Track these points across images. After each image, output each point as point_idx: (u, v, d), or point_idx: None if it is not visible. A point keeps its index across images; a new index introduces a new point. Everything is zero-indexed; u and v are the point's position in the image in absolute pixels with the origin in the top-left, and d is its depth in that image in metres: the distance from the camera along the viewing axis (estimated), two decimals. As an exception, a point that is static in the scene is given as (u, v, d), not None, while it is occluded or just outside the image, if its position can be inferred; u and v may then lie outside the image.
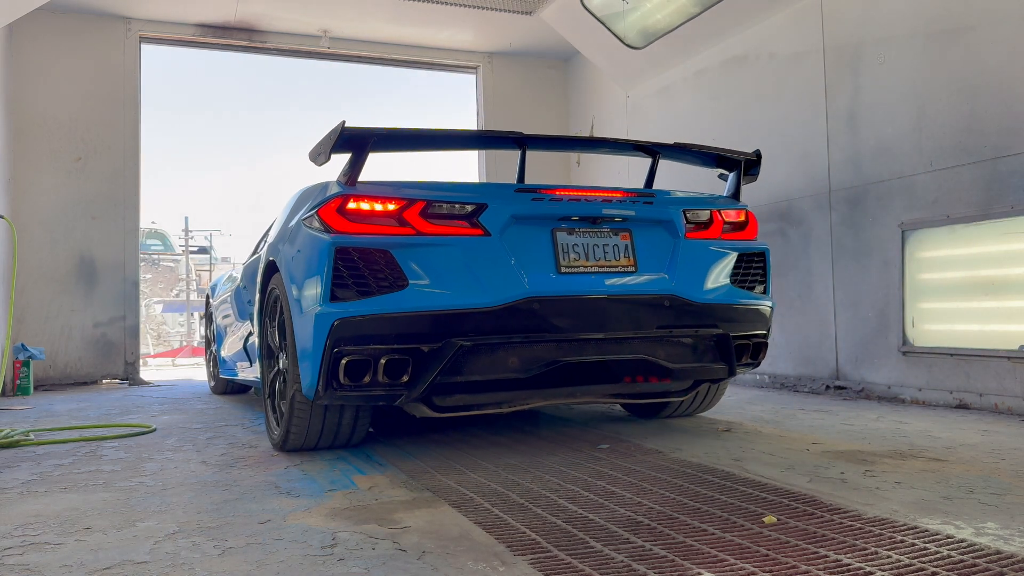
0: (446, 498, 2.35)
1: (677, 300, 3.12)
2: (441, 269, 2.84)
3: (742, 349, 3.37)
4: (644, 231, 3.19)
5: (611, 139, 3.97)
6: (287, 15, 7.10)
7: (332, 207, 2.86)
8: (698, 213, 3.34)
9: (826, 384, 4.96)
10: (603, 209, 3.11)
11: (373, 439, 3.49)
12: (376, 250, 2.79)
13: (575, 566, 1.70)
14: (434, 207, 2.90)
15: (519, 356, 2.91)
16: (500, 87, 8.34)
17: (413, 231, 2.86)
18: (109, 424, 4.13)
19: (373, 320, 2.75)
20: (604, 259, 3.08)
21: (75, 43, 6.85)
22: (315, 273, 2.82)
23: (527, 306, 2.87)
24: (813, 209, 5.09)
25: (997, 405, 3.90)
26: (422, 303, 2.80)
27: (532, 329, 2.90)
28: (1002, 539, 1.82)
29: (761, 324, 3.42)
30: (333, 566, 1.74)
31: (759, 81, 5.59)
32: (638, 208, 3.20)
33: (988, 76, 3.98)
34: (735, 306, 3.32)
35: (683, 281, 3.17)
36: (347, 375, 2.75)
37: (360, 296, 2.77)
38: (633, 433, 3.51)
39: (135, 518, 2.19)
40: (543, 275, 2.95)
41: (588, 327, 2.98)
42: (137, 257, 7.03)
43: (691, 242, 3.25)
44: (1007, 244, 3.94)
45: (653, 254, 3.17)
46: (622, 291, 3.06)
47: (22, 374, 6.01)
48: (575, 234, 3.06)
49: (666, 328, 3.12)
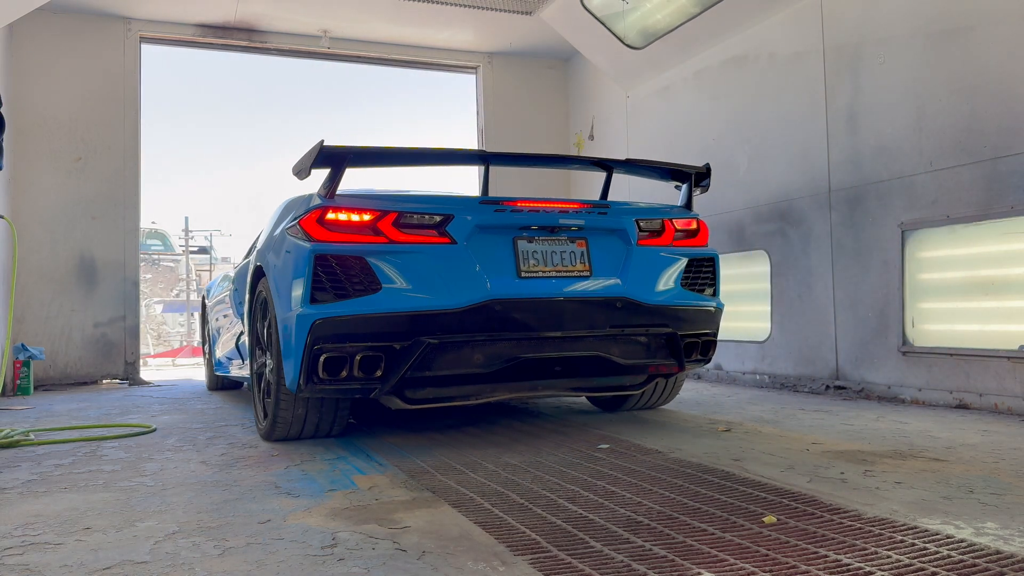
0: (446, 498, 2.35)
1: (629, 302, 3.41)
2: (411, 274, 3.12)
3: (692, 347, 3.65)
4: (599, 239, 3.48)
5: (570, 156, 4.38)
6: (287, 15, 7.10)
7: (312, 218, 3.15)
8: (651, 222, 3.63)
9: (826, 384, 4.96)
10: (560, 219, 3.40)
11: (372, 439, 3.49)
12: (352, 257, 3.06)
13: (575, 566, 1.70)
14: (405, 218, 3.18)
15: (483, 353, 3.20)
16: (500, 87, 8.34)
17: (386, 239, 3.14)
18: (109, 424, 4.13)
19: (349, 320, 3.03)
20: (561, 264, 3.38)
21: (75, 43, 6.85)
22: (297, 277, 3.10)
23: (489, 307, 3.16)
24: (813, 209, 5.10)
25: (997, 405, 3.90)
26: (394, 305, 3.07)
27: (494, 328, 3.18)
28: (1002, 539, 1.82)
29: (710, 324, 3.71)
30: (333, 566, 1.74)
31: (759, 81, 5.59)
32: (593, 218, 3.48)
33: (988, 76, 3.98)
34: (685, 307, 3.61)
35: (635, 284, 3.46)
36: (326, 370, 3.03)
37: (337, 299, 3.04)
38: (633, 433, 3.51)
39: (135, 518, 2.19)
40: (505, 279, 3.23)
41: (546, 327, 3.27)
42: (137, 257, 7.03)
43: (643, 249, 3.55)
44: (1007, 244, 3.94)
45: (607, 260, 3.46)
46: (577, 294, 3.35)
47: (22, 374, 6.01)
48: (535, 242, 3.35)
49: (618, 327, 3.41)
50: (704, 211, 6.16)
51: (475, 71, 8.40)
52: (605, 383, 3.64)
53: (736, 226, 5.81)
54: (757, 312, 5.69)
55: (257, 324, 3.79)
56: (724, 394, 5.06)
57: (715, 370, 6.03)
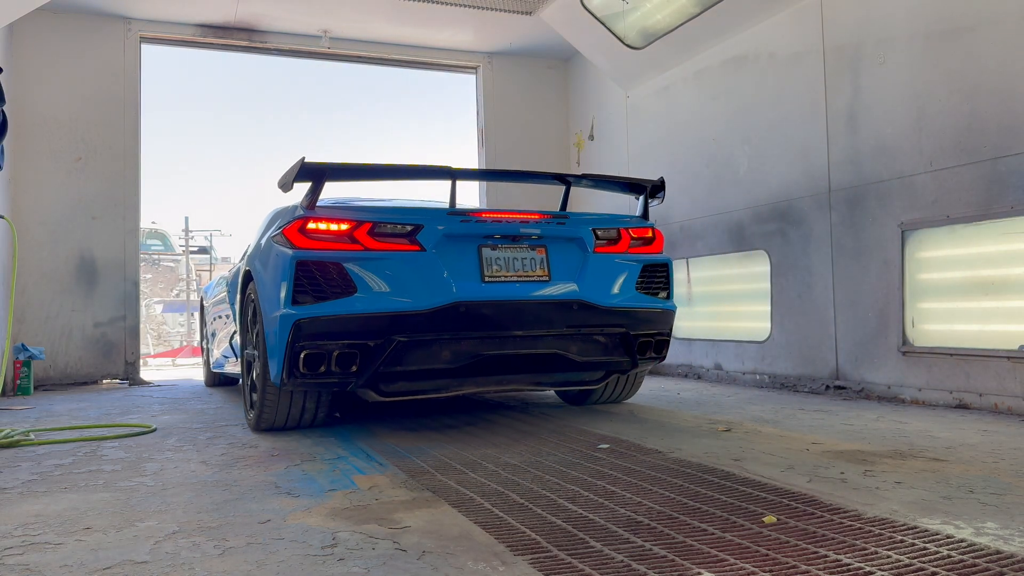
0: (446, 498, 2.35)
1: (585, 304, 3.69)
2: (384, 278, 3.42)
3: (646, 345, 3.95)
4: (557, 246, 3.76)
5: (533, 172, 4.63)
6: (287, 15, 7.10)
7: (295, 227, 3.43)
8: (607, 231, 3.92)
9: (826, 384, 4.96)
10: (521, 228, 3.69)
11: (372, 439, 3.49)
12: (330, 263, 3.36)
13: (575, 566, 1.70)
14: (379, 227, 3.47)
15: (450, 350, 3.49)
16: (500, 87, 8.34)
17: (361, 247, 3.43)
18: (109, 424, 4.13)
19: (327, 320, 3.32)
20: (522, 270, 3.67)
21: (75, 43, 6.85)
22: (280, 282, 3.39)
23: (455, 309, 3.44)
24: (813, 209, 5.10)
25: (997, 405, 3.90)
26: (368, 306, 3.36)
27: (460, 328, 3.47)
28: (1002, 539, 1.82)
29: (663, 324, 4.00)
30: (333, 566, 1.74)
31: (759, 81, 5.59)
32: (552, 227, 3.77)
33: (988, 76, 3.99)
34: (638, 309, 3.90)
35: (590, 288, 3.75)
36: (306, 366, 3.32)
37: (317, 301, 3.33)
38: (633, 433, 3.51)
39: (135, 518, 2.19)
40: (469, 283, 3.52)
41: (508, 327, 3.56)
42: (137, 257, 7.03)
43: (599, 256, 3.84)
44: (1007, 244, 3.94)
45: (565, 265, 3.75)
46: (537, 296, 3.64)
47: (22, 374, 6.01)
48: (497, 249, 3.64)
49: (575, 327, 3.70)
50: (704, 211, 6.17)
51: (475, 71, 8.40)
52: (565, 378, 3.94)
53: (736, 226, 5.81)
54: (757, 312, 5.69)
55: (247, 324, 4.03)
56: (724, 394, 5.06)
57: (715, 370, 6.04)
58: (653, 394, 5.12)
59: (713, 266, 6.18)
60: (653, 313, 3.96)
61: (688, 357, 6.39)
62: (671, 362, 6.59)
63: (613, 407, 4.46)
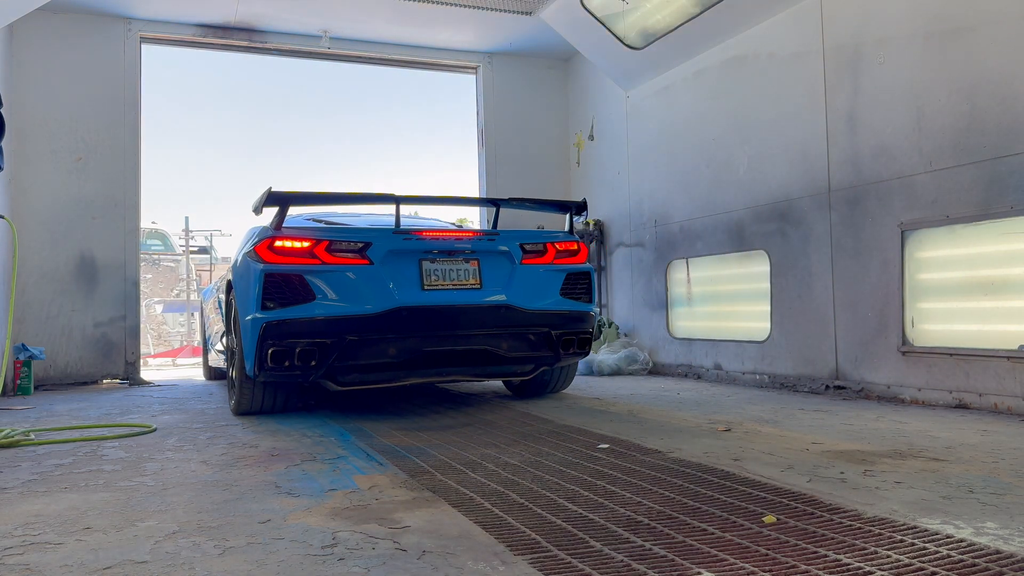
0: (446, 498, 2.35)
1: (512, 308, 4.29)
2: (338, 288, 4.00)
3: (570, 342, 4.51)
4: (488, 259, 4.34)
5: (467, 197, 5.24)
6: (287, 15, 7.10)
7: (264, 245, 4.02)
8: (534, 245, 4.50)
9: (826, 384, 4.96)
10: (455, 244, 4.27)
11: (372, 439, 3.50)
12: (293, 275, 3.95)
13: (575, 565, 1.71)
14: (334, 244, 4.05)
15: (394, 347, 4.09)
16: (500, 87, 8.34)
17: (319, 261, 4.01)
18: (109, 424, 4.13)
19: (290, 323, 3.93)
20: (457, 279, 4.25)
21: (75, 43, 6.85)
22: (252, 290, 3.99)
23: (398, 312, 4.04)
24: (813, 209, 5.10)
25: (997, 405, 3.90)
26: (324, 311, 3.96)
27: (403, 328, 4.07)
28: (1001, 539, 1.82)
29: (584, 325, 4.58)
30: (333, 566, 1.74)
31: (759, 81, 5.59)
32: (483, 243, 4.36)
33: (987, 76, 3.99)
34: (561, 312, 4.48)
35: (517, 294, 4.33)
36: (272, 361, 3.94)
37: (281, 306, 3.93)
38: (633, 433, 3.51)
39: (135, 518, 2.19)
40: (411, 291, 4.11)
41: (444, 327, 4.16)
42: (138, 257, 7.03)
43: (526, 266, 4.42)
44: (1007, 244, 3.94)
45: (495, 275, 4.32)
46: (469, 302, 4.21)
47: (22, 374, 6.01)
48: (436, 262, 4.22)
49: (504, 327, 4.29)
50: (704, 211, 6.17)
51: (475, 71, 8.40)
52: (499, 370, 4.49)
53: (736, 226, 5.82)
54: (757, 312, 5.69)
55: (229, 325, 4.58)
56: (724, 394, 5.06)
57: (715, 370, 6.04)
58: (653, 394, 5.12)
59: (713, 266, 6.19)
60: (575, 315, 4.54)
61: (688, 357, 6.39)
62: (671, 362, 6.60)
63: (612, 406, 4.46)
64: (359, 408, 4.67)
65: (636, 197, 7.17)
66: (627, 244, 7.33)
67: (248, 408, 4.39)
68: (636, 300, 7.19)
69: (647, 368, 6.72)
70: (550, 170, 8.44)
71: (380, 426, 3.90)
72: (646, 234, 7.00)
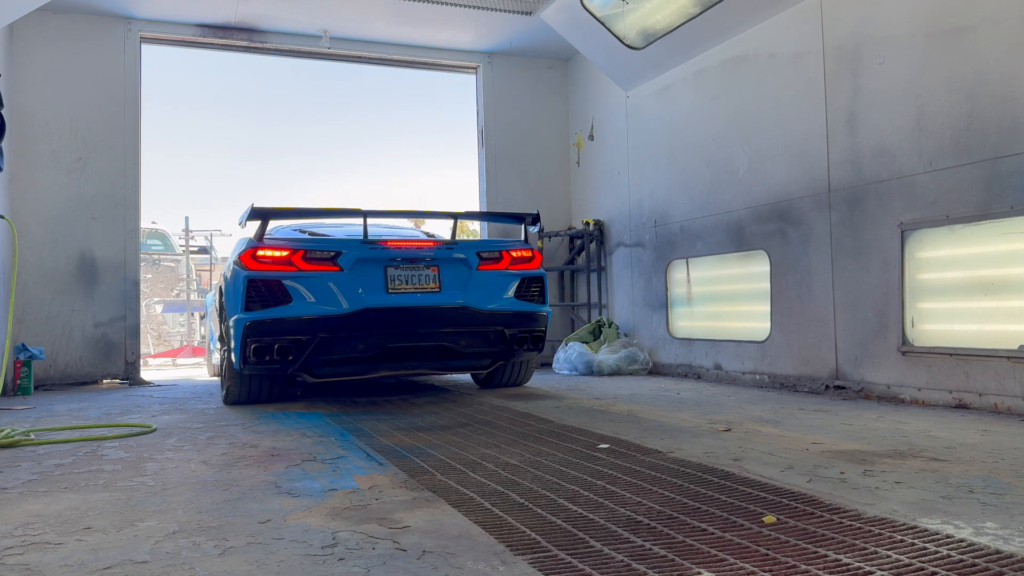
0: (446, 498, 2.35)
1: (468, 309, 4.79)
2: (312, 291, 4.53)
3: (523, 340, 5.05)
4: (448, 266, 4.87)
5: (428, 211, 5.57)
6: (287, 15, 7.10)
7: (248, 254, 4.55)
8: (491, 253, 5.04)
9: (826, 384, 4.96)
10: (417, 253, 4.80)
11: (372, 439, 3.50)
12: (272, 280, 4.49)
13: (575, 565, 1.71)
14: (309, 254, 4.58)
15: (363, 343, 4.60)
16: (500, 87, 8.34)
17: (296, 268, 4.54)
18: (110, 424, 4.13)
19: (270, 323, 4.45)
20: (418, 284, 4.76)
21: (75, 43, 6.85)
22: (237, 293, 4.51)
23: (365, 313, 4.55)
24: (813, 209, 5.10)
25: (996, 405, 3.90)
26: (300, 312, 4.49)
27: (370, 327, 4.58)
28: (1001, 539, 1.82)
29: (537, 324, 5.10)
30: (333, 566, 1.74)
31: (759, 81, 5.59)
32: (442, 252, 4.89)
33: (988, 76, 3.99)
34: (514, 312, 4.99)
35: (473, 297, 4.85)
36: (255, 356, 4.45)
37: (262, 308, 4.47)
38: (633, 433, 3.51)
39: (136, 518, 2.19)
40: (377, 294, 4.64)
41: (406, 326, 4.66)
42: (138, 257, 7.03)
43: (482, 272, 4.94)
44: (1007, 244, 3.94)
45: (453, 280, 4.84)
46: (429, 303, 4.73)
47: (23, 374, 6.01)
48: (399, 268, 4.74)
49: (461, 326, 4.80)
50: (703, 211, 6.17)
51: (475, 71, 8.40)
52: (458, 364, 5.02)
53: (736, 226, 5.82)
54: (757, 312, 5.69)
55: (222, 325, 5.10)
56: (724, 394, 5.06)
57: (715, 370, 6.04)
58: (653, 394, 5.13)
59: (713, 266, 6.19)
60: (527, 315, 5.04)
61: (688, 357, 6.39)
62: (671, 362, 6.60)
63: (612, 406, 4.46)
64: (359, 408, 4.67)
65: (636, 197, 7.17)
66: (627, 244, 7.33)
67: (236, 399, 4.86)
68: (636, 300, 7.19)
69: (647, 368, 6.72)
70: (550, 170, 8.44)
71: (380, 426, 3.90)
72: (646, 234, 7.00)
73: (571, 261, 8.11)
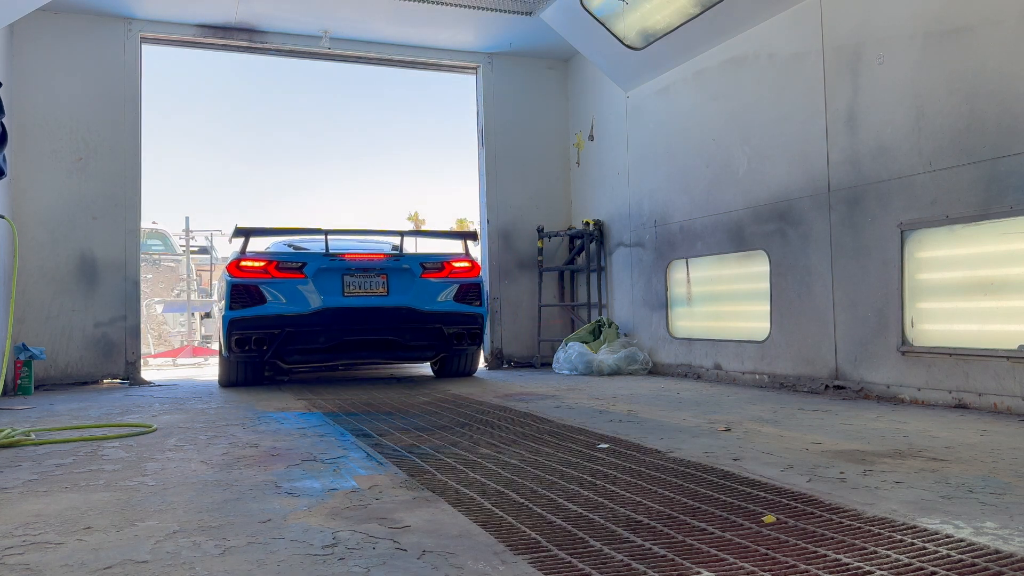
0: (446, 497, 2.35)
1: (412, 310, 6.01)
2: (283, 294, 5.77)
3: (461, 336, 6.23)
4: (395, 274, 6.09)
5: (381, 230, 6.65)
6: (287, 15, 7.11)
7: (233, 264, 5.85)
8: (433, 263, 6.22)
9: (825, 384, 4.96)
10: (369, 264, 6.01)
11: (372, 438, 3.50)
12: (252, 285, 5.73)
13: (575, 565, 1.71)
14: (281, 264, 5.84)
15: (323, 337, 5.85)
16: (500, 87, 8.34)
17: (270, 276, 5.78)
18: (110, 424, 4.13)
19: (249, 319, 5.68)
20: (370, 289, 5.98)
21: (76, 43, 6.85)
22: (225, 296, 5.77)
23: (325, 312, 5.81)
24: (812, 209, 5.10)
25: (996, 405, 3.90)
26: (273, 311, 5.72)
27: (329, 323, 5.82)
28: (1001, 539, 1.83)
29: (473, 322, 6.23)
30: (333, 565, 1.74)
31: (759, 81, 5.59)
32: (391, 263, 6.09)
33: (987, 76, 3.99)
34: (453, 312, 6.15)
35: (416, 300, 6.05)
36: (236, 346, 5.74)
37: (243, 307, 5.69)
38: (633, 433, 3.52)
39: (136, 517, 2.19)
40: (335, 297, 5.87)
41: (359, 323, 5.88)
42: (138, 257, 7.03)
43: (425, 279, 6.14)
44: (1006, 244, 3.94)
45: (399, 286, 6.07)
46: (378, 304, 5.95)
47: (23, 374, 6.01)
48: (355, 276, 5.96)
49: (406, 324, 5.99)
50: (703, 211, 6.17)
51: (475, 71, 8.40)
52: (405, 355, 6.30)
53: (735, 226, 5.82)
54: (756, 312, 5.69)
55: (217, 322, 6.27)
56: (724, 394, 5.06)
57: (714, 370, 6.04)
58: (653, 394, 5.13)
59: (713, 266, 6.19)
60: (464, 315, 6.17)
61: (688, 357, 6.40)
62: (671, 362, 6.60)
63: (612, 406, 4.46)
64: (359, 408, 4.67)
65: (636, 197, 7.17)
66: (627, 244, 7.34)
67: (226, 381, 6.17)
68: (636, 300, 7.20)
69: (647, 368, 6.73)
70: (550, 170, 8.45)
71: (380, 426, 3.90)
72: (646, 234, 7.00)
73: (571, 261, 8.11)
